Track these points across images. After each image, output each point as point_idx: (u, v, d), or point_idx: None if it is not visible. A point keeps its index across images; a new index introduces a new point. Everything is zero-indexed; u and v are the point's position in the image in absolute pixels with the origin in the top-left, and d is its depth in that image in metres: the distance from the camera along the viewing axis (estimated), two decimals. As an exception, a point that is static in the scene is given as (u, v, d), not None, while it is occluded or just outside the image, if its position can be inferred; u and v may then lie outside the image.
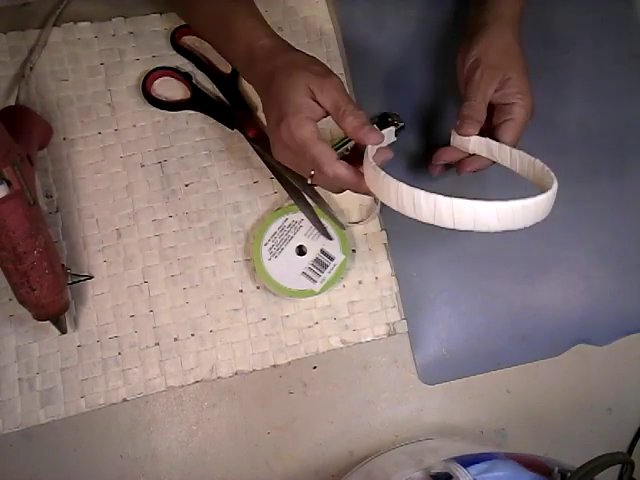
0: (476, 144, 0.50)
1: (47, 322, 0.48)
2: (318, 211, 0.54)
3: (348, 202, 0.56)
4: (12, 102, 0.55)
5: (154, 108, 0.57)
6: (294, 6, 0.61)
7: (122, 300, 0.53)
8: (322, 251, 0.53)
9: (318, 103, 0.44)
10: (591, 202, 0.59)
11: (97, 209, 0.55)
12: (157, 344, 0.53)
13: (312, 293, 0.52)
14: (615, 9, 0.64)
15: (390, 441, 0.53)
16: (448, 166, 0.55)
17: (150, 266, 0.54)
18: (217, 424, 0.52)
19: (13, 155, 0.43)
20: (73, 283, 0.51)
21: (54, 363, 0.51)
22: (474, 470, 0.37)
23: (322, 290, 0.52)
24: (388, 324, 0.55)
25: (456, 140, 0.51)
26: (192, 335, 0.53)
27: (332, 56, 0.60)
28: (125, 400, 0.51)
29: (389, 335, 0.54)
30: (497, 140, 0.49)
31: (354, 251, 0.55)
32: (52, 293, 0.46)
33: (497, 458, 0.39)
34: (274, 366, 0.53)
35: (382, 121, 0.58)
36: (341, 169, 0.43)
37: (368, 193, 0.44)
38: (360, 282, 0.55)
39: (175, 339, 0.53)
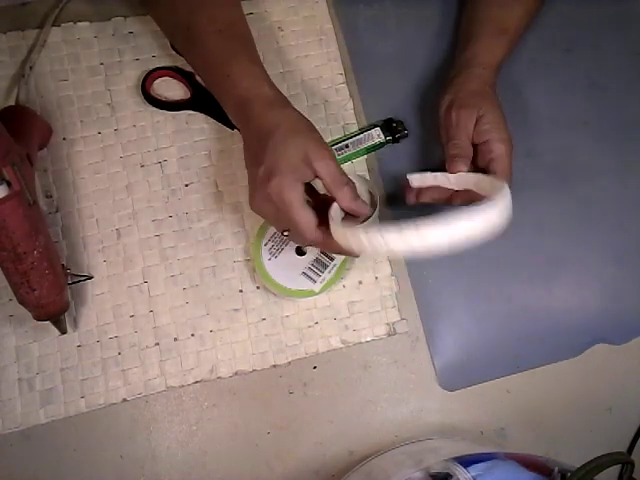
0: (459, 179, 0.51)
1: (47, 322, 0.48)
2: None
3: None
4: (12, 102, 0.55)
5: (154, 108, 0.57)
6: (294, 6, 0.61)
7: (122, 300, 0.53)
8: (322, 251, 0.53)
9: (312, 169, 0.45)
10: (602, 201, 0.59)
11: (97, 209, 0.55)
12: (157, 344, 0.53)
13: (312, 293, 0.52)
14: (617, 7, 0.64)
15: (390, 441, 0.53)
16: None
17: (150, 266, 0.54)
18: (217, 424, 0.52)
19: (13, 155, 0.43)
20: (73, 283, 0.51)
21: (54, 363, 0.51)
22: (474, 470, 0.37)
23: (322, 290, 0.52)
24: (388, 324, 0.55)
25: (437, 178, 0.52)
26: (192, 335, 0.53)
27: (332, 56, 0.60)
28: (125, 400, 0.51)
29: (389, 335, 0.54)
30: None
31: None
32: (52, 293, 0.46)
33: (497, 458, 0.39)
34: (274, 366, 0.53)
35: (387, 126, 0.58)
36: (319, 236, 0.45)
37: (341, 252, 0.47)
38: (360, 282, 0.55)
39: (175, 339, 0.53)
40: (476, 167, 0.52)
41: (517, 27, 0.56)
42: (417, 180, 0.53)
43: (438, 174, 0.52)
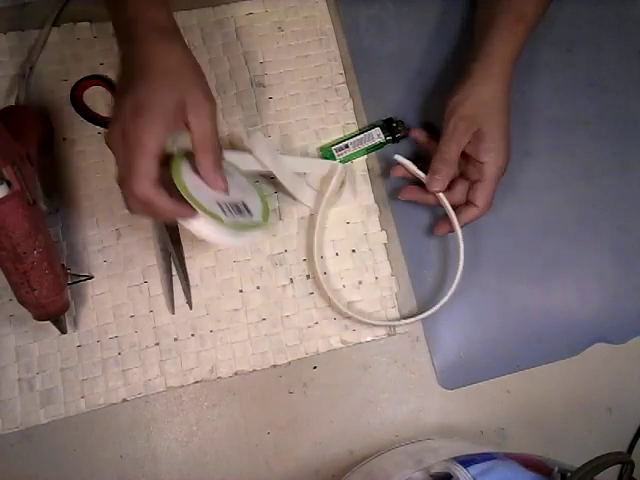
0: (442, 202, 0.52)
1: (47, 322, 0.48)
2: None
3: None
4: (12, 102, 0.55)
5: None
6: (294, 6, 0.61)
7: (122, 300, 0.53)
8: (243, 203, 0.48)
9: (184, 119, 0.41)
10: (602, 200, 0.59)
11: (97, 209, 0.54)
12: (157, 344, 0.53)
13: (219, 219, 0.44)
14: (618, 7, 0.64)
15: (390, 441, 0.53)
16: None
17: (150, 266, 0.54)
18: (217, 424, 0.52)
19: (13, 155, 0.43)
20: (73, 283, 0.51)
21: (54, 363, 0.51)
22: (474, 470, 0.37)
23: (230, 226, 0.45)
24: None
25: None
26: (192, 335, 0.53)
27: (332, 56, 0.60)
28: (125, 400, 0.51)
29: (389, 335, 0.54)
30: (471, 203, 0.51)
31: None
32: (52, 293, 0.46)
33: (497, 458, 0.39)
34: (274, 366, 0.53)
35: (387, 125, 0.58)
36: (149, 192, 0.40)
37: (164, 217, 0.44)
38: (360, 282, 0.55)
39: (175, 339, 0.53)
40: (462, 176, 0.53)
41: (534, 14, 0.54)
42: (402, 158, 0.53)
43: (421, 173, 0.52)
